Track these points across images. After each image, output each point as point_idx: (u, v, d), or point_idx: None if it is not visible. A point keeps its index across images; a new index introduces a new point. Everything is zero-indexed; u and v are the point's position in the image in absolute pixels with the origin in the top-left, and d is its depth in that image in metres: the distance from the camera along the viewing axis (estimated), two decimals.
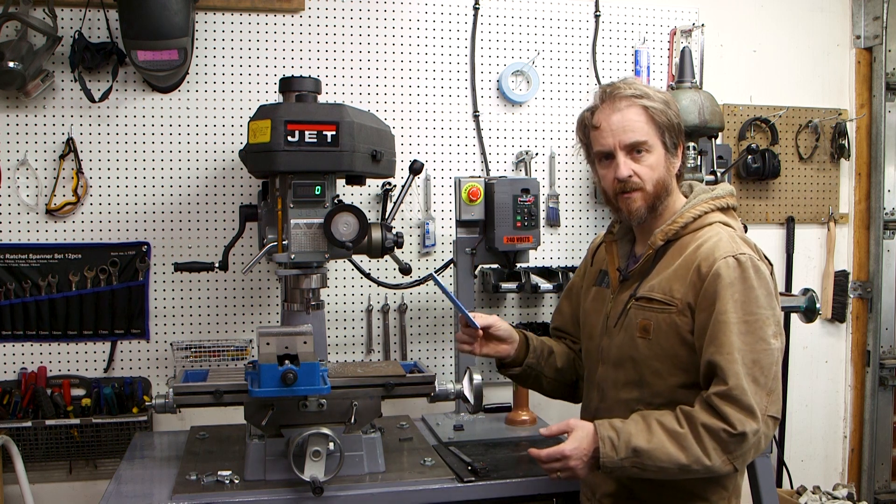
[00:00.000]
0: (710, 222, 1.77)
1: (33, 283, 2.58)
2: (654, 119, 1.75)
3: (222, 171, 2.71)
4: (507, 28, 2.92)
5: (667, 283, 1.73)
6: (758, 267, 1.67)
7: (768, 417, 1.62)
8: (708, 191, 1.83)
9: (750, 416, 1.59)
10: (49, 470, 2.63)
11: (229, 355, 2.71)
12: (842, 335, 3.37)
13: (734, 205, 1.84)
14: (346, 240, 2.02)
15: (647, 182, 1.76)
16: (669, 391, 1.73)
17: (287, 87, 2.15)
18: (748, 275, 1.65)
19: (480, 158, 2.92)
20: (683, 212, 1.78)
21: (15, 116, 2.57)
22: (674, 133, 1.78)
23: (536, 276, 2.82)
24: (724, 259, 1.66)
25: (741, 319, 1.62)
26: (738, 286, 1.64)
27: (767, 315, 1.65)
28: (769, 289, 1.67)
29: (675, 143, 1.79)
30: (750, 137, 3.17)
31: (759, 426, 1.60)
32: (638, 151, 1.76)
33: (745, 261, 1.66)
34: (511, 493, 2.08)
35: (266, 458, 2.01)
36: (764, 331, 1.63)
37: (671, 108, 1.78)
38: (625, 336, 1.79)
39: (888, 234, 3.33)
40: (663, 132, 1.76)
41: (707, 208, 1.78)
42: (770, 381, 1.62)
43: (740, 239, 1.72)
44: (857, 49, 3.30)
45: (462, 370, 2.29)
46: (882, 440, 3.34)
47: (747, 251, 1.68)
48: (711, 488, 1.74)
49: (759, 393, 1.60)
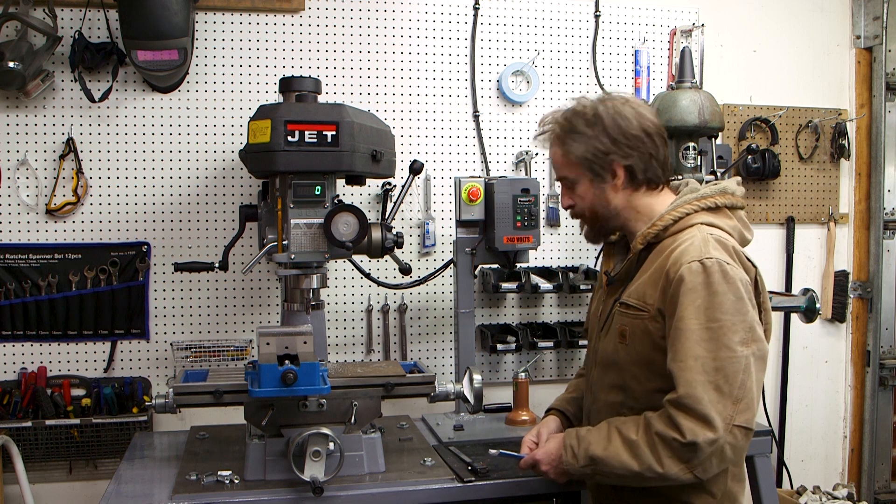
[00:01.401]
0: (691, 224, 1.73)
1: (33, 283, 2.58)
2: (572, 153, 1.79)
3: (222, 171, 2.71)
4: (507, 28, 2.92)
5: (642, 288, 1.74)
6: (725, 271, 1.62)
7: (735, 427, 1.58)
8: (696, 190, 1.80)
9: (703, 425, 1.56)
10: (49, 470, 2.63)
11: (229, 355, 2.71)
12: (842, 335, 3.37)
13: (730, 203, 1.79)
14: (346, 240, 2.02)
15: (583, 209, 1.85)
16: (647, 396, 1.73)
17: (287, 87, 2.15)
18: (713, 280, 1.60)
19: (480, 158, 2.92)
20: (664, 214, 1.75)
21: (15, 116, 2.57)
22: (597, 159, 1.77)
23: (536, 276, 2.83)
24: (688, 264, 1.62)
25: (703, 326, 1.59)
26: (701, 291, 1.60)
27: (734, 321, 1.60)
28: (739, 294, 1.62)
29: (605, 165, 1.77)
30: (750, 137, 3.17)
31: (718, 435, 1.56)
32: (568, 185, 1.85)
33: (710, 265, 1.61)
34: (511, 493, 2.08)
35: (266, 458, 2.01)
36: (728, 338, 1.59)
37: (593, 129, 1.77)
38: (609, 340, 1.81)
39: (888, 234, 3.33)
40: (583, 163, 1.79)
41: (689, 209, 1.74)
42: (736, 389, 1.58)
43: (715, 241, 1.67)
44: (857, 49, 3.30)
45: (462, 370, 2.29)
46: (882, 440, 3.34)
47: (716, 255, 1.63)
48: (695, 493, 1.73)
49: (722, 401, 1.57)
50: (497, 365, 2.94)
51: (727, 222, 1.76)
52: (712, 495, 1.74)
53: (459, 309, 2.60)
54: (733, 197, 1.80)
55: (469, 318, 2.61)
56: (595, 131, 1.76)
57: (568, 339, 2.81)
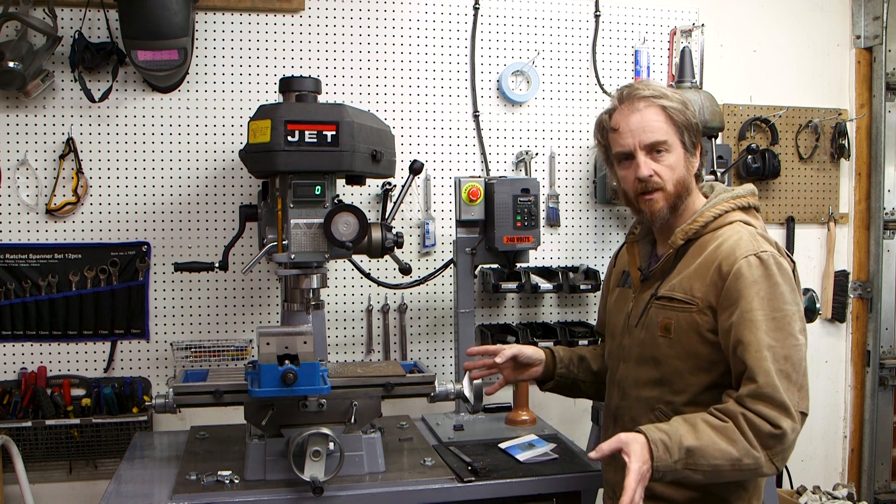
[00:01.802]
0: (730, 221, 1.76)
1: (33, 283, 2.58)
2: (673, 119, 1.76)
3: (222, 171, 2.71)
4: (507, 28, 2.92)
5: (687, 282, 1.74)
6: (780, 264, 1.67)
7: (799, 414, 1.60)
8: (729, 190, 1.83)
9: (784, 413, 1.58)
10: (49, 470, 2.63)
11: (229, 355, 2.71)
12: (842, 335, 3.37)
13: (755, 204, 1.84)
14: (346, 240, 2.02)
15: (667, 182, 1.77)
16: (690, 390, 1.73)
17: (287, 87, 2.15)
18: (772, 272, 1.65)
19: (480, 158, 2.92)
20: (704, 211, 1.78)
21: (15, 116, 2.57)
22: (692, 133, 1.79)
23: (536, 276, 2.83)
24: (745, 258, 1.66)
25: (769, 317, 1.62)
26: (763, 283, 1.64)
27: (793, 311, 1.65)
28: (793, 285, 1.68)
29: (693, 143, 1.80)
30: (750, 137, 3.17)
31: (796, 423, 1.59)
32: (658, 151, 1.76)
33: (767, 258, 1.66)
34: (511, 493, 2.07)
35: (266, 458, 2.01)
36: (792, 326, 1.63)
37: (689, 108, 1.80)
38: (646, 335, 1.81)
39: (888, 234, 3.33)
40: (682, 132, 1.77)
41: (727, 207, 1.78)
42: (800, 376, 1.62)
43: (761, 237, 1.72)
44: (857, 49, 3.30)
45: (462, 370, 2.29)
46: (882, 440, 3.34)
47: (769, 248, 1.68)
48: (731, 488, 1.73)
49: (791, 389, 1.59)
50: None
51: (758, 221, 1.81)
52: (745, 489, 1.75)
53: (459, 309, 2.60)
54: (755, 198, 1.85)
55: (469, 318, 2.61)
56: (691, 109, 1.80)
57: (568, 339, 2.80)
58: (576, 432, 2.75)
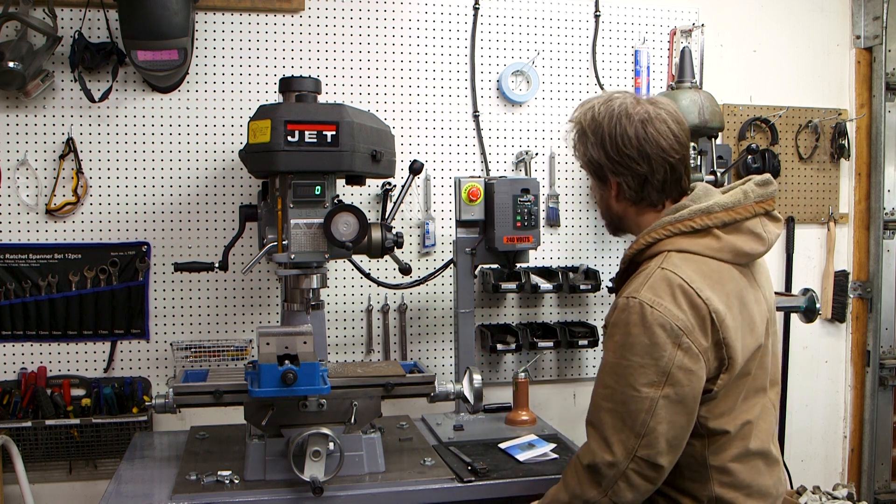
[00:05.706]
0: (660, 251, 1.68)
1: (33, 283, 2.58)
2: (578, 153, 1.82)
3: (222, 171, 2.71)
4: (507, 28, 2.92)
5: None
6: (644, 315, 1.57)
7: (639, 458, 1.58)
8: (684, 208, 1.70)
9: (603, 447, 1.60)
10: (49, 470, 2.63)
11: (229, 355, 2.71)
12: (842, 335, 3.37)
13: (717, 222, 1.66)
14: (346, 240, 2.02)
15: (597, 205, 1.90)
16: None
17: (287, 87, 2.15)
18: (630, 320, 1.59)
19: (480, 158, 2.92)
20: (640, 236, 1.73)
21: (15, 116, 2.57)
22: (594, 165, 1.77)
23: (536, 276, 2.83)
24: (623, 297, 1.63)
25: (616, 361, 1.62)
26: (621, 328, 1.61)
27: (644, 363, 1.57)
28: (655, 339, 1.56)
29: (600, 174, 1.78)
30: (750, 137, 3.17)
31: (618, 460, 1.58)
32: None
33: (632, 305, 1.59)
34: (511, 494, 2.07)
35: (266, 458, 2.01)
36: (634, 378, 1.58)
37: (590, 137, 1.75)
38: None
39: (888, 234, 3.33)
40: (590, 166, 1.80)
41: (659, 236, 1.69)
42: (639, 426, 1.57)
43: (661, 279, 1.60)
44: (857, 49, 3.30)
45: (462, 370, 2.29)
46: (882, 440, 3.34)
47: (645, 296, 1.58)
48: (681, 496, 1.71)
49: (625, 431, 1.58)
50: (497, 365, 2.94)
51: (709, 244, 1.66)
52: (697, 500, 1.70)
53: (459, 309, 2.60)
54: (727, 213, 1.67)
55: (469, 318, 2.61)
56: (595, 139, 1.74)
57: (568, 339, 2.81)
58: (576, 432, 2.74)
